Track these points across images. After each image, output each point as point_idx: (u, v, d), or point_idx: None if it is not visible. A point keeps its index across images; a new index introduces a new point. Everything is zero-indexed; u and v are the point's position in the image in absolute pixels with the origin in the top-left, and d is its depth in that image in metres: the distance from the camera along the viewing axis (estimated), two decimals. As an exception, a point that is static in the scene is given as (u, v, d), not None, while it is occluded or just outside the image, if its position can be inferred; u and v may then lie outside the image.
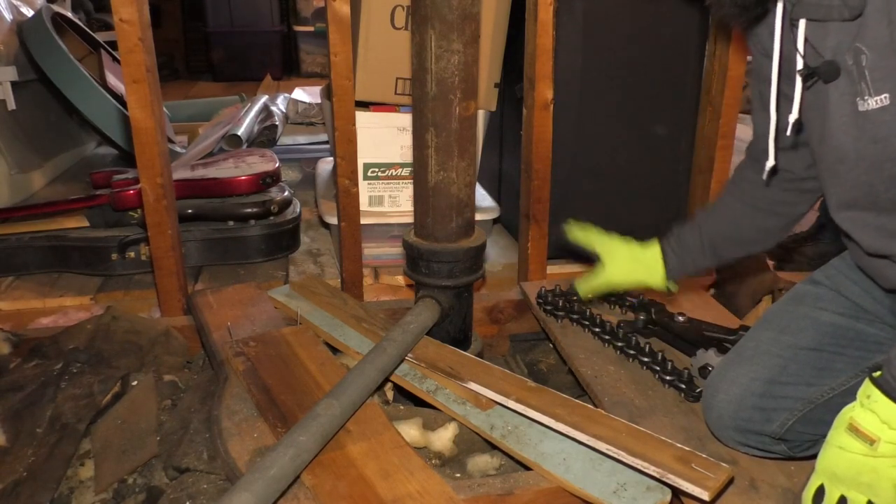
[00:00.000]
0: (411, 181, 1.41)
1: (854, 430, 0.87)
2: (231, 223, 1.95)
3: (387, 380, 1.27)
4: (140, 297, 1.78)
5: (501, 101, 1.95)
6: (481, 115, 1.91)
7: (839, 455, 0.88)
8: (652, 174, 1.86)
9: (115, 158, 2.96)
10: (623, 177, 1.85)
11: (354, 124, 1.62)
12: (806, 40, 0.90)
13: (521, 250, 1.84)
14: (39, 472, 1.16)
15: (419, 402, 1.29)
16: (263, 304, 1.59)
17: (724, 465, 0.97)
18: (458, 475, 1.15)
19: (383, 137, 1.87)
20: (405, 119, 1.85)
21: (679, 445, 1.01)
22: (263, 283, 1.80)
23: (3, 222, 1.95)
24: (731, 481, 1.00)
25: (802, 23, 0.89)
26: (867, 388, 0.87)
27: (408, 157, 1.85)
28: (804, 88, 0.92)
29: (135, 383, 1.40)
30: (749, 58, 1.95)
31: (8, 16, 2.52)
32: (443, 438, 1.20)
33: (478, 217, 1.54)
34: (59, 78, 2.45)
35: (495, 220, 2.12)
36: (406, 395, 1.33)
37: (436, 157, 1.29)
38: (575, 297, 1.54)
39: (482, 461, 1.18)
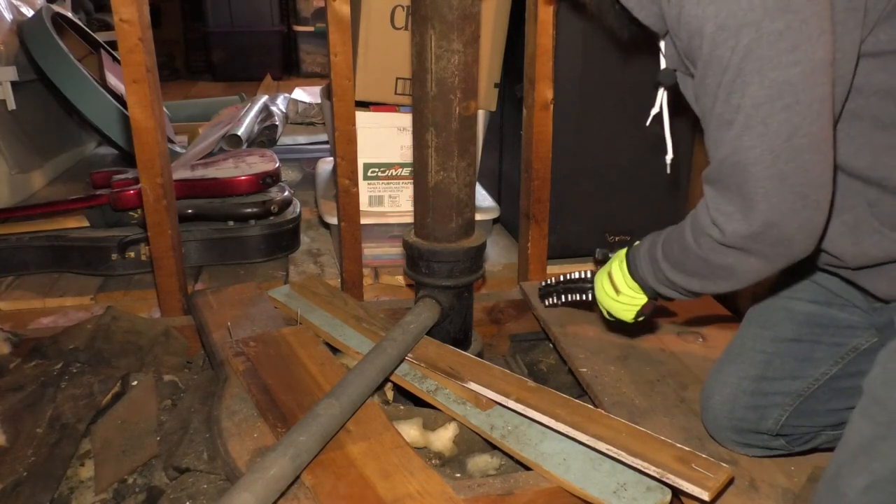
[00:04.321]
0: (411, 181, 1.41)
1: (610, 277, 1.14)
2: (231, 223, 1.95)
3: (387, 380, 1.27)
4: (140, 297, 1.78)
5: (501, 101, 1.95)
6: (481, 115, 1.91)
7: (600, 290, 1.18)
8: (652, 174, 1.86)
9: (115, 158, 2.95)
10: (623, 177, 1.84)
11: (354, 124, 1.62)
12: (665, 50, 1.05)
13: (521, 250, 1.84)
14: (39, 472, 1.16)
15: (419, 402, 1.29)
16: (263, 304, 1.59)
17: (724, 465, 0.97)
18: (458, 475, 1.15)
19: (383, 137, 1.87)
20: (405, 119, 1.85)
21: (679, 445, 1.01)
22: (263, 283, 1.80)
23: (3, 222, 1.95)
24: (731, 481, 1.00)
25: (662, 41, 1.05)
26: (622, 254, 1.13)
27: (408, 157, 1.85)
28: (665, 91, 1.13)
29: (135, 383, 1.40)
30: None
31: (8, 16, 2.52)
32: (443, 438, 1.20)
33: (478, 217, 1.54)
34: (59, 78, 2.45)
35: (495, 220, 2.12)
36: (406, 395, 1.33)
37: (436, 157, 1.29)
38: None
39: (482, 461, 1.18)
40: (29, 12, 2.68)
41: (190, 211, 1.92)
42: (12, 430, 1.25)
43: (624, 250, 1.14)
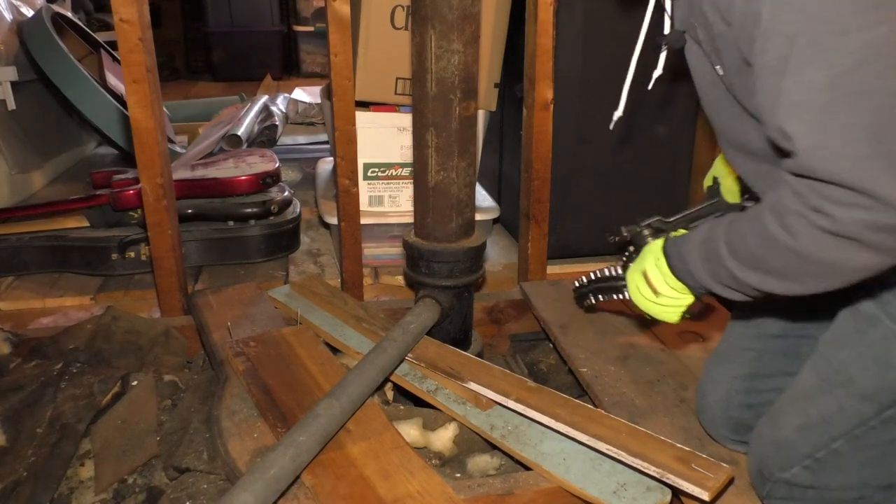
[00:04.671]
0: (411, 181, 1.41)
1: (646, 277, 1.02)
2: (231, 223, 1.95)
3: (387, 380, 1.27)
4: (140, 297, 1.78)
5: (501, 101, 1.95)
6: (481, 115, 1.91)
7: (636, 293, 1.05)
8: (652, 174, 1.86)
9: (115, 158, 2.95)
10: (623, 177, 1.84)
11: (354, 124, 1.62)
12: (672, 11, 1.02)
13: (521, 250, 1.84)
14: (39, 472, 1.16)
15: (419, 402, 1.29)
16: (263, 304, 1.59)
17: (724, 465, 0.98)
18: (458, 475, 1.15)
19: (383, 137, 1.87)
20: (405, 119, 1.85)
21: (679, 445, 1.01)
22: (263, 283, 1.80)
23: (3, 222, 1.95)
24: (731, 481, 1.00)
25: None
26: (658, 251, 1.00)
27: (408, 157, 1.85)
28: (666, 52, 1.05)
29: (135, 383, 1.40)
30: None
31: (8, 16, 2.52)
32: (443, 438, 1.20)
33: (478, 217, 1.54)
34: (59, 78, 2.45)
35: (495, 220, 2.12)
36: (406, 395, 1.33)
37: (436, 157, 1.29)
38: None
39: (482, 461, 1.18)
40: (29, 12, 2.67)
41: (190, 211, 1.92)
42: (12, 430, 1.25)
43: (658, 244, 1.01)
